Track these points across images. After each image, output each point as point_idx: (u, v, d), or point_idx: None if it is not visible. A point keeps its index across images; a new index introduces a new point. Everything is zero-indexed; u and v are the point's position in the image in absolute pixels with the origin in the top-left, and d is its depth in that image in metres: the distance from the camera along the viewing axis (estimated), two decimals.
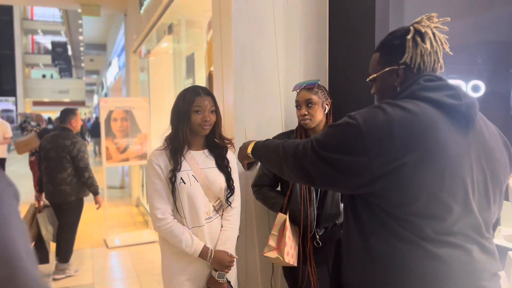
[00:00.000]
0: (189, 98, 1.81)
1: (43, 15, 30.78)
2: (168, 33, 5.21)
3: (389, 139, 1.04)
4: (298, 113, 2.03)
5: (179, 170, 1.80)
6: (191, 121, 1.80)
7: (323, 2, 2.51)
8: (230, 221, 1.93)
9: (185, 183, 1.80)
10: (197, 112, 1.80)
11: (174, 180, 1.78)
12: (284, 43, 2.43)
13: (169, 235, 1.80)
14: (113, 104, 5.22)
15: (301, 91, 2.03)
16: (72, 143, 3.86)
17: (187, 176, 1.81)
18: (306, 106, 1.99)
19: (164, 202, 1.80)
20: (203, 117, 1.80)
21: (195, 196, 1.81)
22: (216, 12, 2.55)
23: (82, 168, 3.87)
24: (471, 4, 2.25)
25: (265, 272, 2.40)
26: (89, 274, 4.15)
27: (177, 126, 1.82)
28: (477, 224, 1.09)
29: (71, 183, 3.85)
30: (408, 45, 1.18)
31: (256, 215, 2.38)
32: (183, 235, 1.79)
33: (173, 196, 1.80)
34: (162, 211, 1.80)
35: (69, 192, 3.85)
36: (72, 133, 3.97)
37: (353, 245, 1.19)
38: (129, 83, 8.04)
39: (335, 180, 1.14)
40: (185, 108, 1.80)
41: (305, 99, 1.99)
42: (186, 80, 5.53)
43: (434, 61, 1.18)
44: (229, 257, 1.86)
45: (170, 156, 1.82)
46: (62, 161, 3.82)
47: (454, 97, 1.10)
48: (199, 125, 1.80)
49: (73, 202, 3.90)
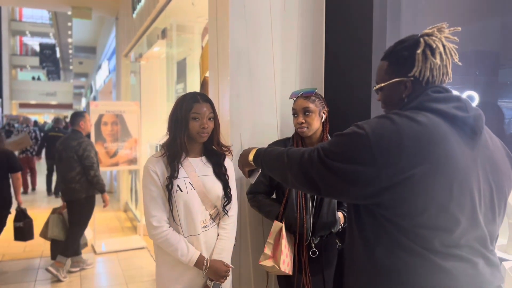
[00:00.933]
0: (187, 104, 1.78)
1: (32, 17, 30.44)
2: (162, 38, 5.19)
3: (398, 150, 1.03)
4: (295, 121, 2.02)
5: (176, 177, 1.77)
6: (189, 128, 1.77)
7: (320, 9, 2.52)
8: (226, 230, 1.90)
9: (181, 191, 1.76)
10: (195, 119, 1.77)
11: (171, 188, 1.75)
12: (280, 50, 2.42)
13: (164, 244, 1.77)
14: (104, 108, 5.17)
15: (298, 99, 2.02)
16: (79, 143, 4.09)
17: (184, 183, 1.78)
18: (303, 114, 1.98)
19: (160, 209, 1.77)
20: (201, 124, 1.77)
21: (192, 204, 1.78)
22: (212, 17, 2.54)
23: (87, 166, 4.07)
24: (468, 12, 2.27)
25: (259, 281, 2.38)
26: (76, 280, 4.07)
27: (175, 133, 1.78)
28: (483, 236, 1.09)
29: (80, 181, 4.07)
30: (417, 58, 1.17)
31: (250, 222, 2.36)
32: (178, 243, 1.76)
33: (170, 203, 1.76)
34: (158, 219, 1.76)
35: (78, 189, 4.07)
36: (81, 134, 4.19)
37: (356, 255, 1.17)
38: (120, 87, 7.97)
39: (341, 190, 1.12)
40: (183, 114, 1.77)
41: (303, 107, 1.98)
42: (177, 85, 5.50)
43: (443, 74, 1.18)
44: (225, 267, 1.84)
45: (167, 163, 1.79)
46: (71, 161, 4.06)
47: (462, 109, 1.10)
48: (197, 132, 1.78)
49: (82, 199, 4.11)
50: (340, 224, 2.01)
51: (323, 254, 2.00)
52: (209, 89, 2.60)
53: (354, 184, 1.08)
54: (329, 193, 1.20)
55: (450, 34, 1.20)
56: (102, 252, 4.87)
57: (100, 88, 14.63)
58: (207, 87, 2.76)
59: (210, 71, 2.60)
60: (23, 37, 33.25)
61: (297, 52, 2.48)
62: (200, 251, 1.80)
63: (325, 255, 2.01)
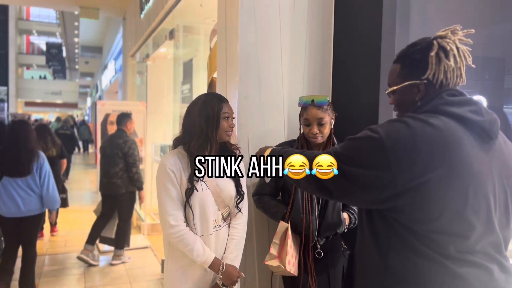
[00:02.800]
0: (217, 104, 1.81)
1: (39, 16, 30.61)
2: (170, 39, 5.22)
3: (413, 154, 1.01)
4: (308, 130, 2.00)
5: (201, 178, 1.76)
6: (219, 127, 1.80)
7: (329, 12, 2.53)
8: (238, 229, 1.91)
9: (197, 191, 1.77)
10: (226, 119, 1.81)
11: (192, 191, 1.75)
12: (289, 52, 2.44)
13: (180, 243, 1.77)
14: (110, 107, 5.21)
15: (311, 108, 1.99)
16: (124, 141, 4.40)
17: (199, 183, 1.79)
18: (318, 125, 1.98)
19: (177, 208, 1.77)
20: (230, 124, 1.83)
21: (206, 204, 1.80)
22: (221, 20, 2.55)
23: (131, 163, 4.39)
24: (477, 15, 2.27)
25: (263, 283, 2.39)
26: (80, 278, 4.10)
27: (207, 131, 1.78)
28: (498, 242, 1.08)
29: (122, 177, 4.39)
30: (431, 61, 1.15)
31: (256, 223, 2.37)
32: (195, 244, 1.76)
33: (187, 203, 1.77)
34: (175, 218, 1.76)
35: (120, 185, 4.39)
36: (126, 134, 4.51)
37: (368, 260, 1.16)
38: (126, 87, 8.01)
39: (354, 194, 1.11)
40: (215, 113, 1.78)
41: (317, 118, 1.97)
42: (183, 85, 5.53)
43: (456, 76, 1.17)
44: (237, 273, 1.85)
45: (188, 162, 1.78)
46: (115, 157, 4.37)
47: (477, 113, 1.09)
48: (225, 131, 1.82)
49: (124, 194, 4.44)
50: (345, 225, 2.02)
51: (329, 255, 2.01)
52: (217, 90, 2.62)
53: (368, 189, 1.06)
54: (341, 197, 1.20)
55: (464, 37, 1.18)
56: (105, 251, 4.88)
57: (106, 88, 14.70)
58: (214, 88, 2.78)
59: (218, 72, 2.62)
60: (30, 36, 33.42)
61: (305, 55, 2.49)
62: (211, 251, 1.81)
63: (331, 256, 2.02)
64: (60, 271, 4.32)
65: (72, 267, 4.37)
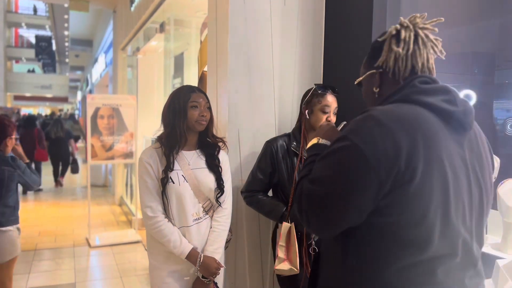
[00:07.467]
0: (184, 94, 1.82)
1: (28, 8, 30.13)
2: (160, 32, 5.17)
3: (393, 153, 0.92)
4: (324, 117, 1.99)
5: (172, 169, 1.79)
6: (188, 117, 1.81)
7: (320, 5, 2.52)
8: (219, 222, 1.91)
9: (174, 183, 1.79)
10: (194, 108, 1.81)
11: (167, 181, 1.77)
12: (280, 46, 2.43)
13: (158, 234, 1.79)
14: (100, 101, 5.14)
15: (330, 95, 2.01)
16: None
17: (177, 176, 1.81)
18: (333, 113, 2.02)
19: (155, 200, 1.80)
20: (200, 112, 1.82)
21: (184, 196, 1.81)
22: (212, 12, 2.53)
23: None
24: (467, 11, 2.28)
25: (254, 277, 2.39)
26: (70, 273, 4.07)
27: (174, 123, 1.81)
28: (471, 242, 1.02)
29: None
30: (384, 48, 1.10)
31: (246, 219, 2.36)
32: (172, 235, 1.78)
33: (163, 195, 1.79)
34: (152, 209, 1.79)
35: None
36: None
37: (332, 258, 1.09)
38: (116, 81, 7.93)
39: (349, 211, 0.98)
40: (181, 104, 1.80)
41: (335, 106, 2.02)
42: (174, 79, 5.49)
43: (412, 65, 1.07)
44: (217, 264, 1.85)
45: (163, 155, 1.81)
46: None
47: (451, 102, 1.01)
48: (196, 121, 1.82)
49: None
50: None
51: None
52: (208, 84, 2.60)
53: (361, 196, 0.95)
54: None
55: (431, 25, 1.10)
56: (96, 246, 4.86)
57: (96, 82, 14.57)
58: (205, 81, 2.76)
59: (208, 66, 2.60)
60: (19, 29, 32.93)
61: (296, 48, 2.48)
62: (192, 243, 1.82)
63: None
64: (50, 266, 4.29)
65: (62, 262, 4.34)
